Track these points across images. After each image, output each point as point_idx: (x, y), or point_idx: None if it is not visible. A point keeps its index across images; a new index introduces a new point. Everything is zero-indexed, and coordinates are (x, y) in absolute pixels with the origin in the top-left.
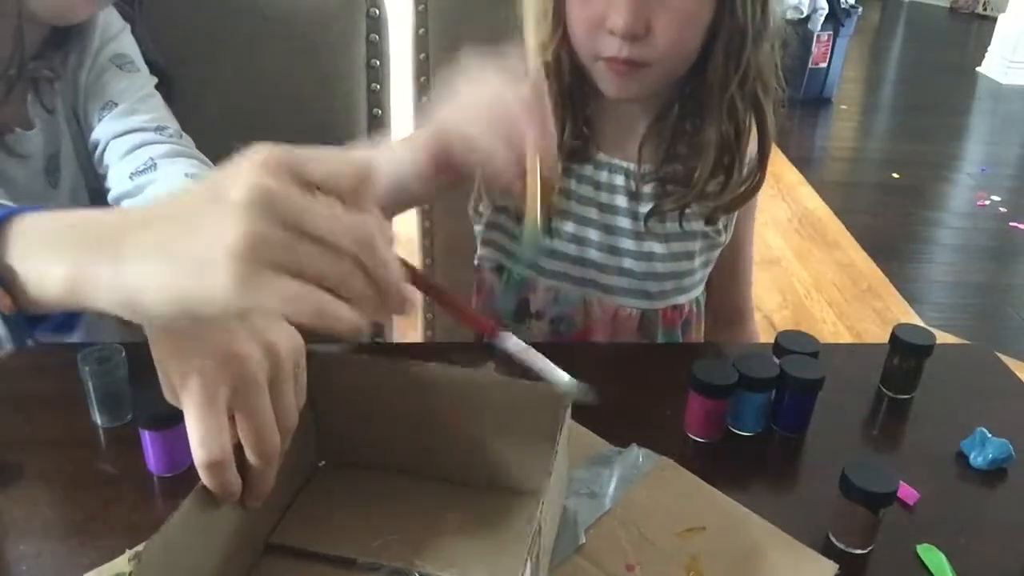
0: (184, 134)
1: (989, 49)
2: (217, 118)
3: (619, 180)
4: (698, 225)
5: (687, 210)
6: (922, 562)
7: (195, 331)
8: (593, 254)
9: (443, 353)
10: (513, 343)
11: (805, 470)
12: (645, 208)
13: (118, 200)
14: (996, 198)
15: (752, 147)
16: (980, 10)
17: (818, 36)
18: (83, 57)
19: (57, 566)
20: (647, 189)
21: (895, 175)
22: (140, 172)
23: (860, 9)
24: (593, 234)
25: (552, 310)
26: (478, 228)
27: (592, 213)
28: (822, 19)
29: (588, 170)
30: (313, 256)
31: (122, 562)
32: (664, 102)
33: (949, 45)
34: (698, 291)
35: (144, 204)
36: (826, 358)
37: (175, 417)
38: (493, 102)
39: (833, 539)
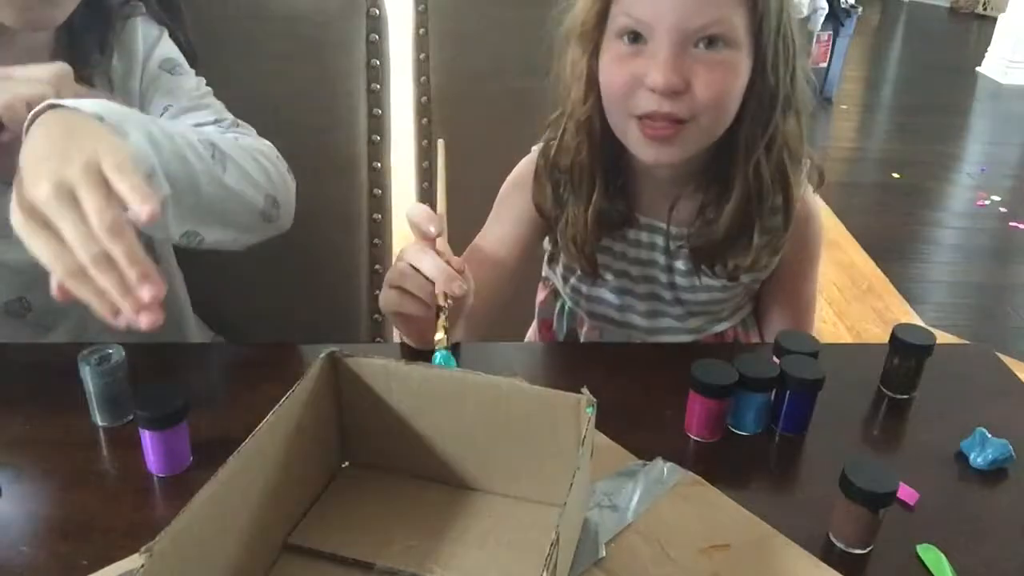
0: (241, 122)
1: (989, 49)
2: None
3: (658, 240)
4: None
5: (715, 268)
6: (922, 562)
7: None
8: (633, 303)
9: None
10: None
11: (805, 470)
12: (679, 264)
13: None
14: (996, 198)
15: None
16: (980, 10)
17: (818, 36)
18: (131, 65)
19: (57, 566)
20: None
21: (895, 175)
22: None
23: (860, 9)
24: (632, 286)
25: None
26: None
27: (633, 269)
28: (822, 19)
29: (630, 232)
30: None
31: (136, 559)
32: (694, 168)
33: (949, 45)
34: (741, 315)
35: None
36: (826, 358)
37: (175, 417)
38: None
39: (833, 539)
